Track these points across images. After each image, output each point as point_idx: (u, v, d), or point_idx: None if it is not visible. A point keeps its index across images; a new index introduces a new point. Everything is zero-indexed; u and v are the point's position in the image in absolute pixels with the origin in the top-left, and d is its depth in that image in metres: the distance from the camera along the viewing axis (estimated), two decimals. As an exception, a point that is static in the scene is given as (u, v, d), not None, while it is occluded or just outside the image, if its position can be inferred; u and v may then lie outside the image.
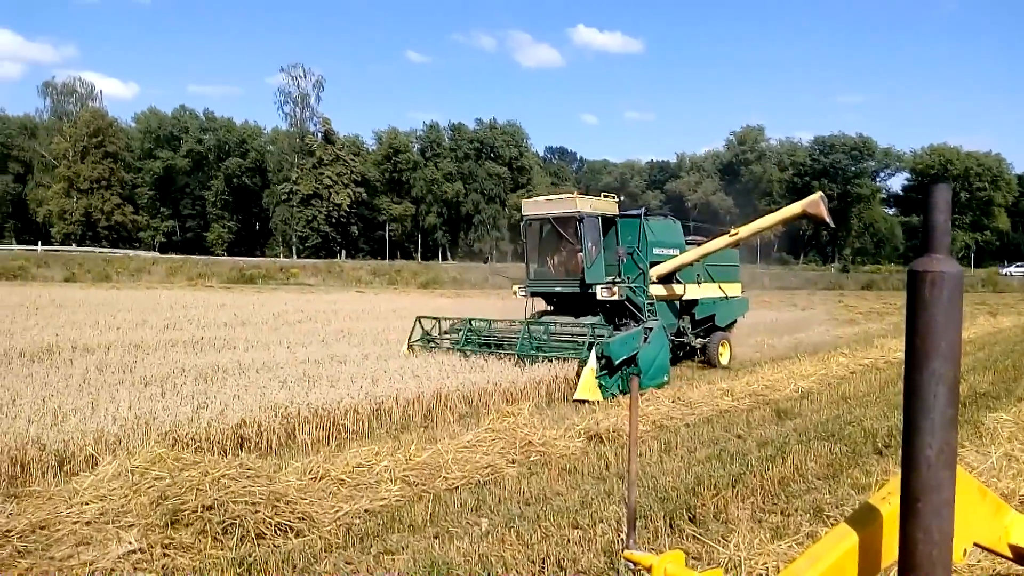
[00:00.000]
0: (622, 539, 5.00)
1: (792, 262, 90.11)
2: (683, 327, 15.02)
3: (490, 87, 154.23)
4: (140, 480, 5.40)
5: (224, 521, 5.08)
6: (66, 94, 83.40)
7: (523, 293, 14.22)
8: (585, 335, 11.94)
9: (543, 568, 4.74)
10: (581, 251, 13.08)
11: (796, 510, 5.93)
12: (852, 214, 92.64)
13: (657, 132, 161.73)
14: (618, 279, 13.34)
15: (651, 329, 11.84)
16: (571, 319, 13.65)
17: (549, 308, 14.71)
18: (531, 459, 7.48)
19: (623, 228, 13.97)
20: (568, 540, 5.13)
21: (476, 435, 7.83)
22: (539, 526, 5.39)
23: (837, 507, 5.93)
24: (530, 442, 7.78)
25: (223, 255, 74.68)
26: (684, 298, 14.74)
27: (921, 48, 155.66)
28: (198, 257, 64.59)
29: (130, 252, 65.35)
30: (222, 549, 4.95)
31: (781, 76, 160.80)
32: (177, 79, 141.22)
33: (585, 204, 13.17)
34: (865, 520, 1.71)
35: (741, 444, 8.26)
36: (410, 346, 13.58)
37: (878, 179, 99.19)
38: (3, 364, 11.01)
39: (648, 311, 13.00)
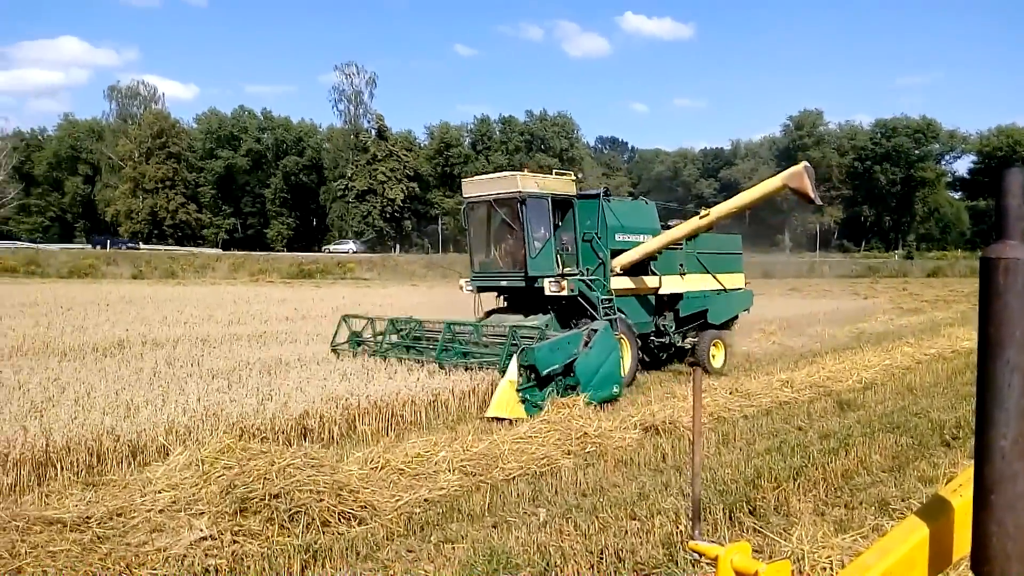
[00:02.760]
0: (681, 531, 4.98)
1: (853, 249, 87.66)
2: (664, 325, 13.20)
3: (538, 78, 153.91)
4: (210, 469, 5.60)
5: (290, 509, 5.24)
6: (130, 97, 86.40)
7: (469, 288, 12.50)
8: (518, 340, 10.01)
9: (601, 559, 4.75)
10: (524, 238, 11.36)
11: (860, 503, 5.81)
12: (916, 199, 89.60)
13: (710, 119, 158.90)
14: (575, 270, 11.76)
15: (595, 331, 9.90)
16: (516, 317, 11.92)
17: (503, 305, 12.93)
18: (587, 450, 7.49)
19: (582, 211, 12.12)
20: (626, 531, 5.13)
21: (532, 426, 7.88)
22: (596, 517, 5.40)
23: (903, 500, 5.78)
24: (585, 433, 7.80)
25: (283, 251, 76.43)
26: (662, 292, 12.94)
27: (985, 24, 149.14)
28: (259, 253, 66.29)
29: (194, 249, 67.50)
30: (289, 536, 5.10)
31: (839, 58, 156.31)
32: (234, 79, 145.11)
33: (529, 183, 11.37)
34: (936, 512, 1.68)
35: (802, 436, 8.11)
36: (334, 348, 12.24)
37: (943, 162, 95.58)
38: (78, 359, 11.51)
39: (604, 308, 11.25)
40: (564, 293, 11.17)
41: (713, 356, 13.36)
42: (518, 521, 5.55)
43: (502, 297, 12.89)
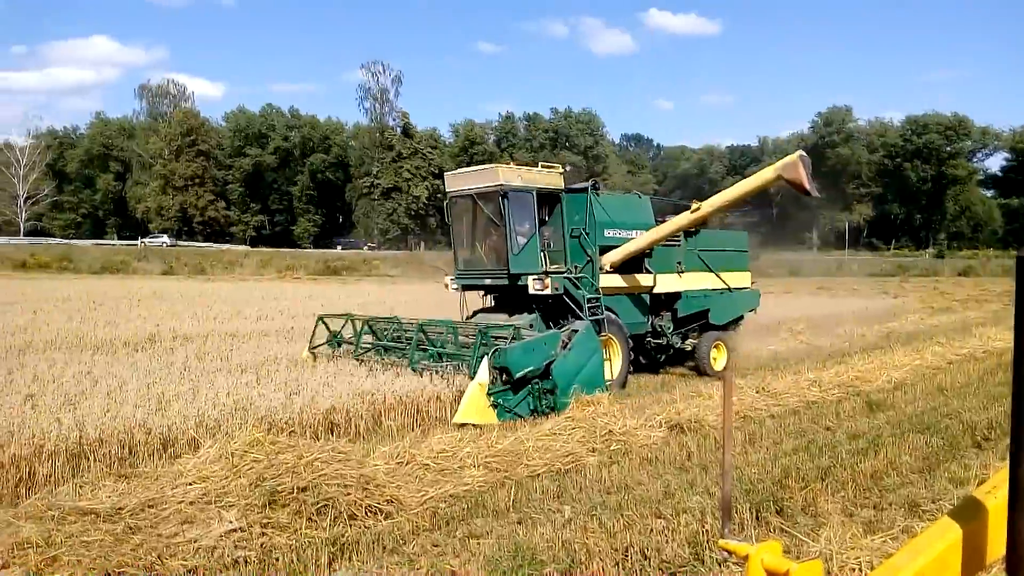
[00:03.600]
0: (707, 530, 4.96)
1: (883, 248, 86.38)
2: (661, 326, 12.63)
3: (563, 76, 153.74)
4: (239, 462, 5.68)
5: (318, 502, 5.31)
6: (160, 96, 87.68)
7: (454, 287, 12.06)
8: (489, 340, 9.37)
9: (627, 557, 4.75)
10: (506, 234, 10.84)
11: (890, 504, 5.74)
12: (947, 197, 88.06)
13: (737, 115, 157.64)
14: (562, 268, 11.17)
15: (575, 332, 9.42)
16: (500, 317, 11.33)
17: (490, 304, 12.41)
18: (611, 448, 7.49)
19: (570, 206, 11.55)
20: (651, 530, 5.12)
21: (556, 424, 7.90)
22: (621, 515, 5.40)
23: (934, 502, 5.70)
24: (610, 431, 7.79)
25: (309, 248, 77.17)
26: (657, 291, 12.40)
27: (1019, 18, 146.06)
28: (286, 250, 66.97)
29: (223, 246, 68.36)
30: (316, 529, 5.17)
31: (869, 53, 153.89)
32: (262, 78, 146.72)
33: (512, 175, 10.87)
34: (969, 514, 1.66)
35: (830, 436, 8.03)
36: (312, 351, 11.45)
37: (974, 160, 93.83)
38: (110, 353, 11.72)
39: (590, 308, 10.73)
40: (548, 292, 10.63)
41: (714, 359, 12.87)
42: (543, 518, 5.57)
43: (490, 296, 12.41)
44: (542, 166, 11.54)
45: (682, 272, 12.81)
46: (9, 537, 4.69)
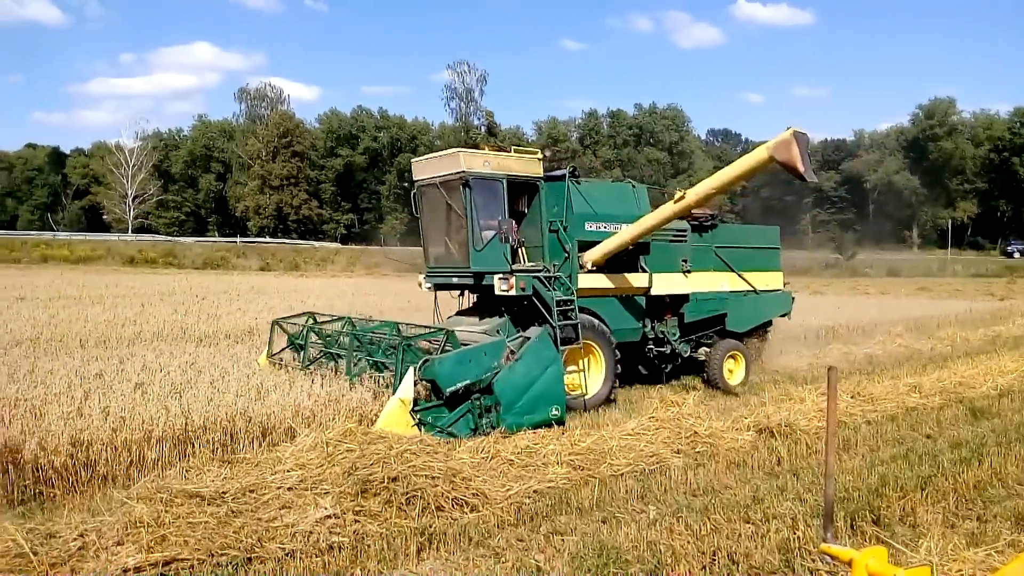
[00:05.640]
0: (799, 537, 4.84)
1: (989, 246, 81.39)
2: (663, 332, 11.26)
3: (648, 71, 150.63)
4: (333, 451, 5.91)
5: (407, 492, 5.47)
6: (258, 99, 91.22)
7: (427, 286, 10.97)
8: (412, 349, 8.43)
9: (714, 561, 4.69)
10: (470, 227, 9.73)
11: (995, 516, 5.47)
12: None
13: (831, 108, 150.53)
14: (538, 266, 9.97)
15: (527, 340, 8.27)
16: (471, 320, 10.50)
17: (470, 305, 11.35)
18: (697, 450, 7.40)
19: (549, 196, 10.25)
20: (739, 534, 5.03)
21: (640, 423, 7.87)
22: (708, 518, 5.33)
23: (1045, 516, 5.39)
24: (696, 433, 7.69)
25: (397, 245, 78.86)
26: (655, 293, 10.96)
27: None
28: (375, 247, 68.69)
29: (315, 243, 70.66)
30: (406, 518, 5.33)
31: (973, 42, 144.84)
32: (353, 81, 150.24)
33: (475, 161, 9.64)
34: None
35: (931, 444, 7.69)
36: (271, 359, 10.56)
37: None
38: (212, 344, 12.34)
39: (561, 311, 9.41)
40: (512, 293, 9.48)
41: (729, 371, 11.46)
42: (627, 517, 5.56)
43: (474, 296, 11.25)
44: (514, 150, 10.28)
45: (688, 272, 11.40)
46: (123, 516, 5.03)
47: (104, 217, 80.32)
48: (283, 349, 10.78)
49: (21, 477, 6.03)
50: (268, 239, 70.81)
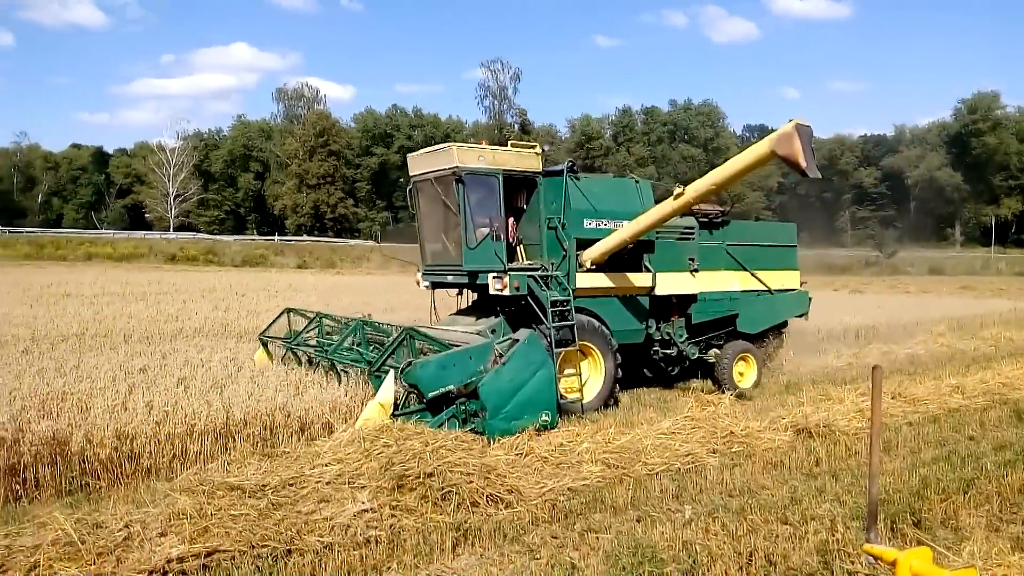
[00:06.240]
0: (837, 539, 4.78)
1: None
2: (669, 334, 10.92)
3: (682, 67, 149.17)
4: (370, 447, 5.99)
5: (443, 488, 5.53)
6: (295, 99, 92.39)
7: (425, 284, 10.76)
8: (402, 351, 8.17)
9: (750, 562, 4.65)
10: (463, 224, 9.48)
11: (1042, 522, 5.32)
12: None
13: (870, 103, 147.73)
14: (535, 265, 9.75)
15: (515, 342, 7.88)
16: (468, 320, 10.33)
17: (469, 305, 11.10)
18: (733, 450, 7.34)
19: (547, 192, 9.99)
20: (777, 536, 4.98)
21: (675, 422, 7.82)
22: (744, 518, 5.28)
23: (1095, 523, 5.24)
24: (731, 432, 7.63)
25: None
26: (660, 292, 10.63)
27: None
28: (409, 246, 69.10)
29: (351, 241, 71.37)
30: (441, 514, 5.38)
31: (1018, 34, 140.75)
32: (388, 80, 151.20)
33: (469, 156, 9.40)
34: None
35: (974, 446, 7.54)
36: (263, 340, 10.96)
37: None
38: (252, 340, 12.53)
39: (556, 312, 9.11)
40: (506, 292, 9.22)
41: (740, 374, 11.10)
42: (662, 516, 5.54)
43: (474, 295, 10.96)
44: (512, 145, 10.01)
45: (696, 270, 11.02)
46: (166, 508, 5.15)
47: (146, 216, 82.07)
48: (279, 336, 11.07)
49: (68, 468, 6.22)
50: (305, 237, 71.62)
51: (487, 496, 5.63)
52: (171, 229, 72.96)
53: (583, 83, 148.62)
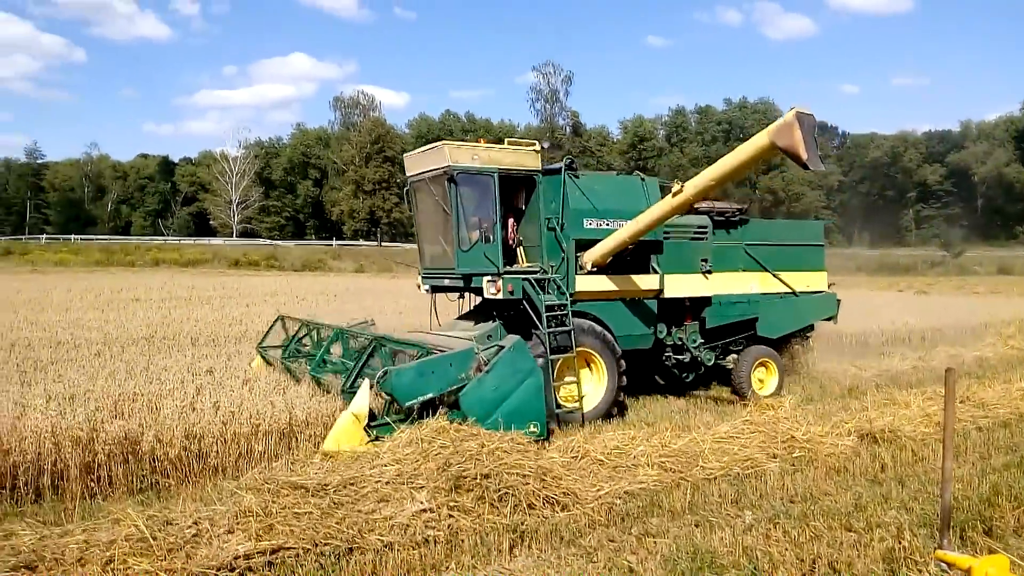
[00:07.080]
0: (904, 547, 4.65)
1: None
2: (681, 339, 10.48)
3: (736, 64, 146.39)
4: (428, 448, 6.07)
5: (499, 489, 5.57)
6: (351, 107, 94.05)
7: (425, 288, 10.41)
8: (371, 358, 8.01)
9: (813, 569, 4.57)
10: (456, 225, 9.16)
11: (1123, 533, 5.09)
12: None
13: (934, 98, 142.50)
14: (534, 267, 9.42)
15: (501, 349, 7.43)
16: (466, 325, 9.94)
17: (471, 309, 10.78)
18: (794, 455, 7.20)
19: (547, 191, 9.54)
20: (840, 543, 4.88)
21: (733, 426, 7.71)
22: (807, 525, 5.18)
23: None
24: (793, 437, 7.49)
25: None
26: (669, 295, 10.17)
27: None
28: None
29: (406, 246, 72.26)
30: (498, 515, 5.42)
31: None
32: (440, 85, 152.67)
33: (463, 155, 9.04)
34: None
35: (1050, 453, 7.22)
36: (260, 351, 10.93)
37: None
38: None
39: (551, 317, 8.75)
40: (500, 296, 8.91)
41: (759, 380, 10.63)
42: (721, 522, 5.47)
43: (477, 299, 10.52)
44: (508, 143, 9.61)
45: (709, 272, 10.53)
46: (233, 506, 5.30)
47: (210, 222, 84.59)
48: (276, 346, 11.16)
49: (140, 467, 6.47)
50: (362, 242, 72.83)
51: (543, 498, 5.65)
52: (234, 235, 75.12)
53: (635, 84, 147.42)
